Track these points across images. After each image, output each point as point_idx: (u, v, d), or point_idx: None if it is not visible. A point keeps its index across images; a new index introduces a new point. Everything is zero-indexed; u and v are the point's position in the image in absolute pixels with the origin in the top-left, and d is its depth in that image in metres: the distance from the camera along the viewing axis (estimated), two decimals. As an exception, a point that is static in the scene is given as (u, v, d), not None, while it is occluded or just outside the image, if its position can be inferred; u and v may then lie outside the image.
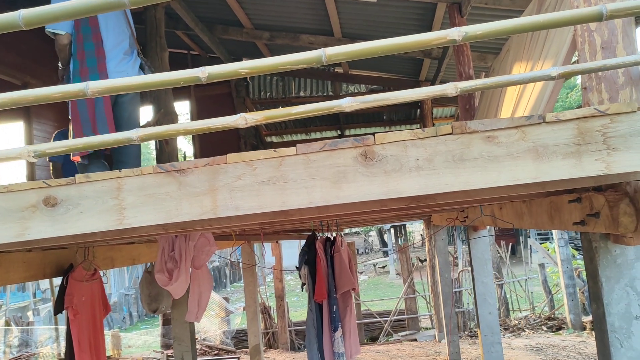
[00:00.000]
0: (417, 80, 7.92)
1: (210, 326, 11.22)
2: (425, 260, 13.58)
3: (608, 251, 2.02)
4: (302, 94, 9.08)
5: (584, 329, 9.22)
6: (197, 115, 8.57)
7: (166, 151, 5.38)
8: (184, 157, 10.28)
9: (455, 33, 1.28)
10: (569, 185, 1.91)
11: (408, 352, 8.86)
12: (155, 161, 6.04)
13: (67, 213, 1.49)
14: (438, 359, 8.17)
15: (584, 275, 10.14)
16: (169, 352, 9.94)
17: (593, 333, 8.72)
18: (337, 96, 9.00)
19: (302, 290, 4.48)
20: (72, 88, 1.39)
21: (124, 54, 3.39)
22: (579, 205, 2.15)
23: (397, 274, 19.15)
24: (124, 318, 18.88)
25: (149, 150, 40.08)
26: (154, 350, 10.65)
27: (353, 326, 4.24)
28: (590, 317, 9.26)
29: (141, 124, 3.81)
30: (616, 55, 1.82)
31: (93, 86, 1.38)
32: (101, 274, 3.84)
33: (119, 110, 3.36)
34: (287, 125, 9.76)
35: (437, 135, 1.39)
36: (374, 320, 10.76)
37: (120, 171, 1.48)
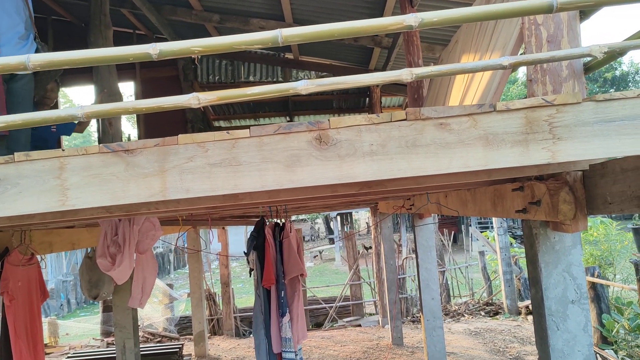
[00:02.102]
0: (367, 69, 7.98)
1: (153, 313, 11.00)
2: (371, 247, 13.81)
3: (547, 238, 2.10)
4: (251, 78, 8.97)
5: (520, 313, 9.64)
6: (142, 97, 8.32)
7: (109, 133, 5.21)
8: (129, 140, 9.97)
9: (412, 19, 1.29)
10: (514, 174, 1.97)
11: (352, 337, 9.00)
12: (97, 144, 5.82)
13: (4, 193, 1.41)
14: (381, 344, 8.35)
15: (520, 262, 10.59)
16: (110, 339, 9.69)
17: (528, 317, 9.14)
18: (287, 82, 8.95)
19: (250, 276, 4.46)
20: (12, 60, 1.32)
21: (19, 38, 3.17)
22: (522, 193, 2.22)
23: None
24: (61, 305, 18.24)
25: (90, 132, 38.62)
26: (93, 338, 10.36)
27: (301, 311, 4.26)
28: (525, 303, 9.69)
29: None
30: (561, 49, 1.88)
31: (34, 59, 1.31)
32: (39, 258, 3.69)
33: (10, 95, 3.16)
34: (236, 110, 9.63)
35: (391, 121, 1.39)
36: (319, 306, 10.86)
37: (63, 150, 1.41)
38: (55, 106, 4.37)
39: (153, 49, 1.29)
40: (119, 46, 1.36)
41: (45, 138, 4.09)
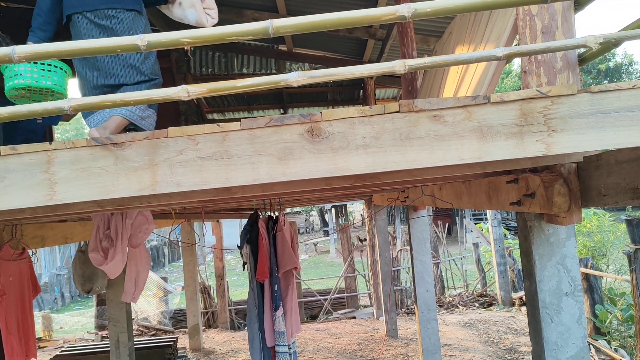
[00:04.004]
0: (361, 60, 7.95)
1: (147, 306, 10.99)
2: (365, 239, 13.78)
3: (542, 230, 2.10)
4: (245, 70, 8.90)
5: (513, 304, 9.69)
6: (134, 89, 8.23)
7: (101, 126, 5.16)
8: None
9: (405, 9, 1.27)
10: (509, 166, 1.96)
11: (347, 329, 9.02)
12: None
13: (-9, 187, 1.39)
14: (376, 336, 8.37)
15: (514, 254, 10.63)
16: (104, 333, 9.67)
17: (521, 309, 9.18)
18: (281, 74, 8.88)
19: (243, 270, 4.44)
20: (-3, 52, 1.29)
21: None
22: (516, 185, 2.21)
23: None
24: (55, 299, 18.20)
25: (82, 124, 38.38)
26: (87, 332, 10.34)
27: (294, 305, 4.25)
28: (519, 294, 9.73)
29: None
30: (555, 40, 1.86)
31: (19, 51, 1.28)
32: (30, 253, 3.65)
33: None
34: (230, 102, 9.57)
35: (384, 113, 1.38)
36: (314, 298, 10.87)
37: (50, 143, 1.39)
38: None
39: (141, 41, 1.26)
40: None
41: (32, 130, 4.05)
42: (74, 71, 2.94)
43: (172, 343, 7.18)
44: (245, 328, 8.96)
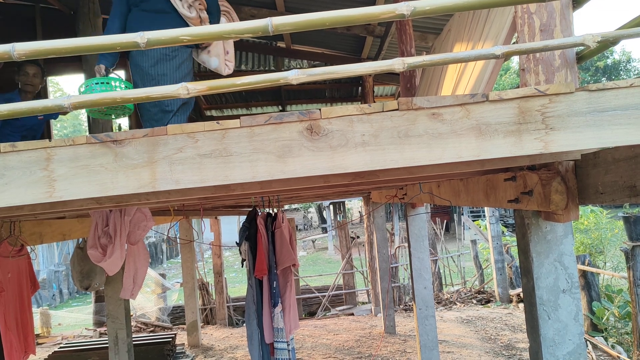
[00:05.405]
0: (359, 58, 7.94)
1: (145, 303, 10.99)
2: (359, 237, 13.79)
3: (539, 228, 2.11)
4: (243, 67, 8.89)
5: (511, 301, 9.72)
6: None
7: (100, 122, 5.15)
8: (119, 129, 9.86)
9: (404, 7, 1.27)
10: (507, 164, 1.96)
11: (345, 326, 9.04)
12: (88, 133, 5.77)
13: (-10, 184, 1.39)
14: (374, 332, 8.39)
15: (512, 250, 10.65)
16: (102, 329, 9.68)
17: (519, 305, 9.21)
18: (279, 71, 8.87)
19: (242, 266, 4.45)
20: (-4, 49, 1.29)
21: None
22: (514, 183, 2.22)
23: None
24: (53, 295, 18.20)
25: (80, 121, 38.29)
26: (85, 328, 10.34)
27: (293, 302, 4.26)
28: (516, 291, 9.76)
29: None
30: (554, 38, 1.87)
31: (20, 48, 1.28)
32: (29, 249, 3.66)
33: None
34: (228, 99, 9.56)
35: (383, 111, 1.38)
36: (313, 295, 10.88)
37: (49, 140, 1.39)
38: (41, 93, 4.37)
39: (141, 38, 1.26)
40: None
41: (32, 127, 4.07)
42: None
43: (170, 339, 7.19)
44: (244, 324, 8.98)
